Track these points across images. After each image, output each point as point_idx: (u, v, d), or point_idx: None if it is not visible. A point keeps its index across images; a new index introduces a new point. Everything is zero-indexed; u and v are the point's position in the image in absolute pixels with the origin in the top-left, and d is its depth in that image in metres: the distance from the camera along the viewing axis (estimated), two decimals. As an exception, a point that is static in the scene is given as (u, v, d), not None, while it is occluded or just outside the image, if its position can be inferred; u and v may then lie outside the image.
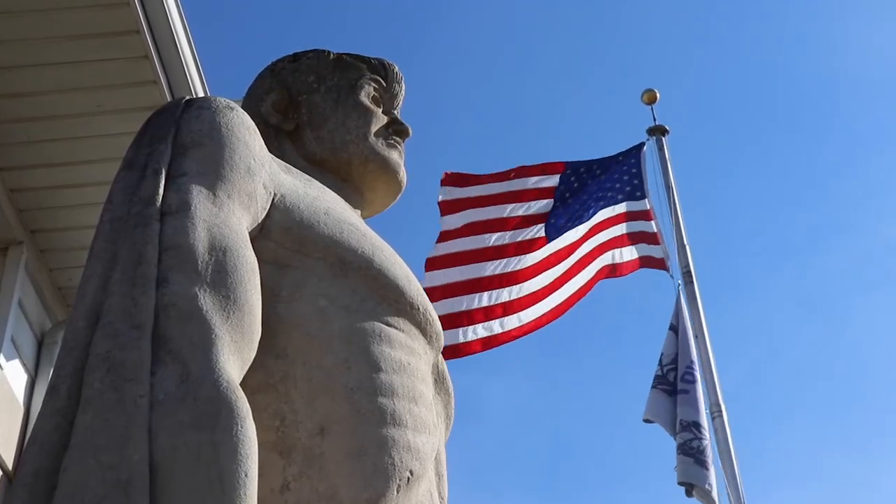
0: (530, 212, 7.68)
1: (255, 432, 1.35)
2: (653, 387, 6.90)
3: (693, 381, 6.77)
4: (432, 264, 7.29)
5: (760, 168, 18.40)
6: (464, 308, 7.14)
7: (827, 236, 19.21)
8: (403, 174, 2.12)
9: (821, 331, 19.54)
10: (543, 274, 7.49)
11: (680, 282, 7.59)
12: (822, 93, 18.36)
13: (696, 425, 6.55)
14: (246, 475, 1.30)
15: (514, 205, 7.66)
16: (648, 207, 7.93)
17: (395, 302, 1.72)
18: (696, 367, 6.88)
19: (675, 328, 7.20)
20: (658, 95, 8.83)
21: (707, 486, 6.23)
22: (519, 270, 7.40)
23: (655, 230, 7.82)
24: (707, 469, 6.34)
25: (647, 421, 6.78)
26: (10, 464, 5.07)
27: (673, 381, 6.83)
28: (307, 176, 1.93)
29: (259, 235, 1.66)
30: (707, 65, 18.35)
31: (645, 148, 8.47)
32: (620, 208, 7.96)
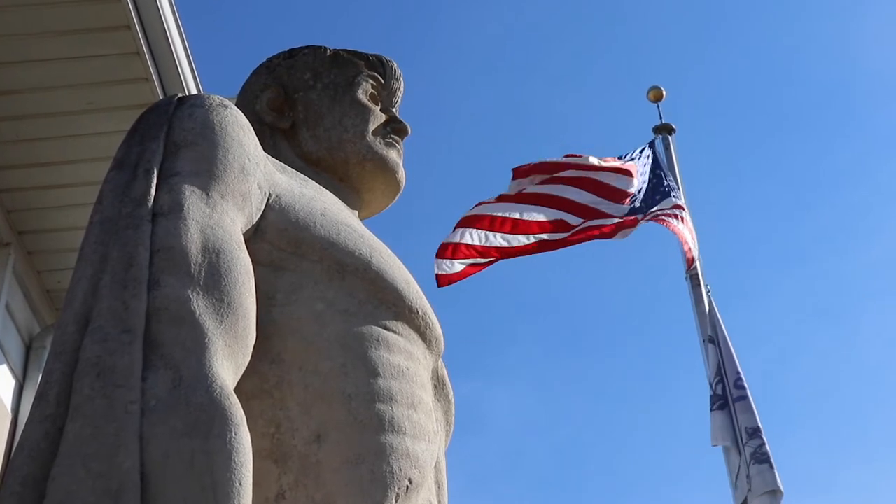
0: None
1: (249, 440, 1.35)
2: (711, 410, 6.88)
3: (744, 388, 6.78)
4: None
5: (770, 169, 18.40)
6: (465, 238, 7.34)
7: (839, 240, 19.20)
8: (402, 174, 2.12)
9: (832, 337, 19.53)
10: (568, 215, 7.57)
11: (709, 289, 7.58)
12: (834, 91, 18.36)
13: (759, 430, 6.57)
14: (240, 484, 1.30)
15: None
16: (682, 203, 7.89)
17: (393, 305, 1.72)
18: (743, 375, 6.88)
19: (714, 339, 7.18)
20: (664, 93, 8.84)
21: (778, 487, 6.26)
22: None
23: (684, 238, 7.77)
24: (774, 471, 6.36)
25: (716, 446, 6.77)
26: (-3, 472, 5.07)
27: (723, 393, 6.82)
28: (303, 176, 1.93)
29: (253, 237, 1.66)
30: (715, 61, 18.36)
31: (655, 147, 8.48)
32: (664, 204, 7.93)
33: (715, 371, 6.94)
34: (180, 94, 1.73)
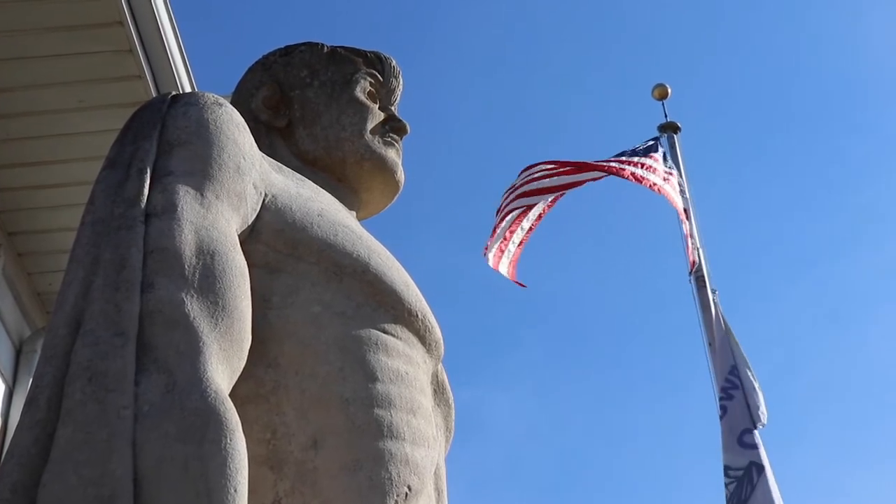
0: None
1: (244, 445, 1.35)
2: (720, 419, 6.78)
3: (724, 415, 6.67)
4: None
5: (778, 169, 18.41)
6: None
7: (848, 243, 19.21)
8: (401, 174, 2.12)
9: (841, 342, 19.52)
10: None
11: (716, 291, 7.58)
12: (845, 90, 18.36)
13: (726, 470, 6.42)
14: (235, 490, 1.30)
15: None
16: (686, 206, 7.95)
17: (392, 308, 1.72)
18: (736, 378, 6.77)
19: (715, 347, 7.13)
20: (669, 91, 8.84)
21: None
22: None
23: (687, 232, 7.82)
24: None
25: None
26: (-14, 479, 5.05)
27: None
28: (300, 175, 1.93)
29: (249, 238, 1.66)
30: (721, 58, 18.36)
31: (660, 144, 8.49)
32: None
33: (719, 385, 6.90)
34: (174, 92, 1.73)
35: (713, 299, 7.51)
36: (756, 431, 6.54)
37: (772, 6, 17.70)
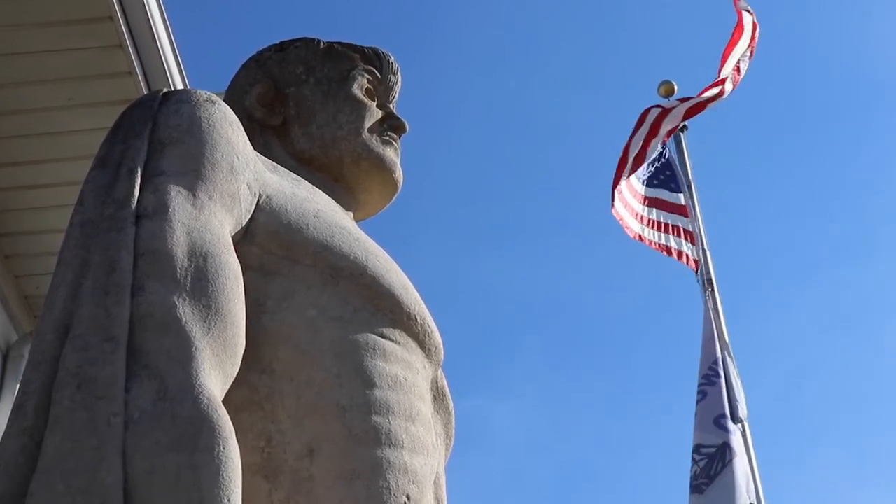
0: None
1: (238, 454, 1.35)
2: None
3: (702, 399, 6.71)
4: None
5: (789, 170, 18.40)
6: None
7: (860, 248, 19.17)
8: (400, 173, 2.12)
9: (854, 351, 19.48)
10: None
11: (714, 286, 7.60)
12: (856, 91, 18.33)
13: (697, 448, 6.48)
14: (229, 500, 1.29)
15: None
16: (684, 203, 8.01)
17: (390, 312, 1.72)
18: (719, 369, 6.79)
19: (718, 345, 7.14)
20: (676, 88, 8.83)
21: None
22: None
23: (692, 229, 7.88)
24: (700, 493, 6.28)
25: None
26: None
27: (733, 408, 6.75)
28: (295, 175, 1.93)
29: (243, 240, 1.66)
30: (729, 55, 18.30)
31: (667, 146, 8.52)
32: (658, 193, 8.09)
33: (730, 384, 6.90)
34: (165, 90, 1.73)
35: (710, 292, 7.52)
36: (735, 425, 6.55)
37: (781, 4, 17.69)
